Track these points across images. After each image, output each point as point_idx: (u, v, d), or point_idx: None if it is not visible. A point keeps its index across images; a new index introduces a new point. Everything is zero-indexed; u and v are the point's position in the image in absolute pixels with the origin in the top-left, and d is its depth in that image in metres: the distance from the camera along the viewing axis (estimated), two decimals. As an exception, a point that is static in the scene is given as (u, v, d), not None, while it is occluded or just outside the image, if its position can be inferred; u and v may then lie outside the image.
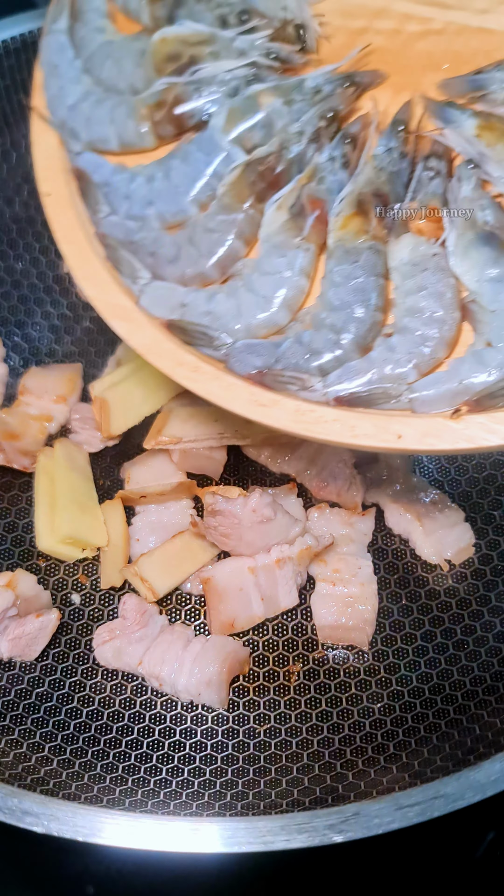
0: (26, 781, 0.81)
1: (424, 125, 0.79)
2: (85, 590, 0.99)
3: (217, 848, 0.72)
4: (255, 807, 0.82)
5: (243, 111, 0.78)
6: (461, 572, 1.00)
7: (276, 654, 0.96)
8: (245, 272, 0.77)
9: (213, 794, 0.84)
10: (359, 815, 0.73)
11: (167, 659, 0.92)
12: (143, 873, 0.86)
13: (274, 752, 0.88)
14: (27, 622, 0.93)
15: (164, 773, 0.87)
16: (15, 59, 1.09)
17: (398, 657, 0.94)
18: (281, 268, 0.76)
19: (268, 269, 0.76)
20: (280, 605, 0.96)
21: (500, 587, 0.98)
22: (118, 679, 0.94)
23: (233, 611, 0.95)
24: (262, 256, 0.76)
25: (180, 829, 0.73)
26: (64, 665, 0.95)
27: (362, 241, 0.74)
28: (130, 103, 0.81)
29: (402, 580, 0.99)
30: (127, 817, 0.74)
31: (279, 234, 0.76)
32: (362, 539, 1.01)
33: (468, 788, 0.75)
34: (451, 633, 0.95)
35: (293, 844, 0.72)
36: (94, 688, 0.93)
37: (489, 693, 0.89)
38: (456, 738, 0.85)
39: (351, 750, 0.87)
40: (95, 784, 0.84)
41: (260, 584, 0.95)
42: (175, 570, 0.98)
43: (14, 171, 1.16)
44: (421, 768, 0.82)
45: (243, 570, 0.95)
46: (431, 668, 0.93)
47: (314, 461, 1.04)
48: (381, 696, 0.92)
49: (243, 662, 0.94)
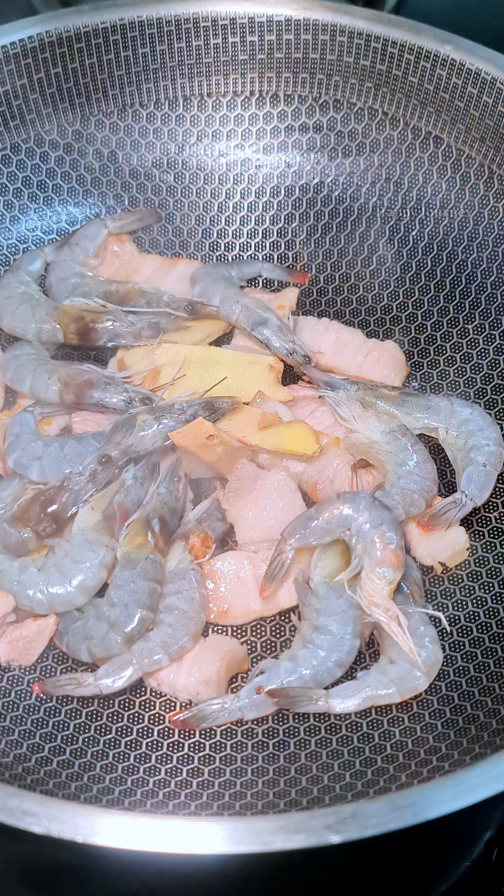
0: (26, 782, 0.81)
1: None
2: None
3: (215, 848, 0.72)
4: (254, 806, 0.82)
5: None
6: (456, 574, 1.00)
7: (274, 654, 0.97)
8: (58, 554, 0.94)
9: (211, 794, 0.85)
10: (356, 815, 0.73)
11: (166, 660, 0.94)
12: (142, 873, 0.87)
13: (272, 752, 0.89)
14: (24, 626, 0.93)
15: (164, 774, 0.87)
16: (14, 64, 1.10)
17: (395, 658, 0.95)
18: (87, 559, 0.94)
19: (76, 557, 0.94)
20: (279, 603, 0.97)
21: (495, 589, 0.98)
22: (118, 680, 0.94)
23: (228, 597, 0.96)
24: (74, 546, 0.94)
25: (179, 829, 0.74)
26: (63, 667, 0.95)
27: (143, 553, 0.93)
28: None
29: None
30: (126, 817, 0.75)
31: (92, 532, 0.95)
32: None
33: (465, 789, 0.75)
34: (446, 634, 0.95)
35: (291, 844, 0.72)
36: (94, 688, 0.93)
37: (485, 694, 0.89)
38: (452, 738, 0.85)
39: (349, 750, 0.88)
40: (95, 784, 0.84)
41: (258, 577, 0.96)
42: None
43: (14, 176, 1.16)
44: (417, 768, 0.82)
45: (242, 560, 0.96)
46: (428, 669, 0.93)
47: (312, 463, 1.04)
48: (379, 696, 0.92)
49: (241, 661, 0.95)
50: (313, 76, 1.17)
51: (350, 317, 1.17)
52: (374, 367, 1.10)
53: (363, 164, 1.19)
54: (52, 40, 1.10)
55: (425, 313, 1.15)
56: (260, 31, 1.15)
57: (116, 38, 1.13)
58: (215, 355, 1.08)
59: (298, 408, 1.07)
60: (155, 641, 0.91)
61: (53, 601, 0.93)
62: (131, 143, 1.20)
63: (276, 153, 1.21)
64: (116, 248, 1.17)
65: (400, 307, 1.17)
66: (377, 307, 1.17)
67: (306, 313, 1.16)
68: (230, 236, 1.22)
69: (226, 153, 1.22)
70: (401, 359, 1.12)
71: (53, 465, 0.99)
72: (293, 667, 0.90)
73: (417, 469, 0.99)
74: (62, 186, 1.19)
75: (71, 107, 1.16)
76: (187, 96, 1.20)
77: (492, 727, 0.84)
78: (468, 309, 1.13)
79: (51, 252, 1.15)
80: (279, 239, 1.21)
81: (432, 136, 1.15)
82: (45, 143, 1.17)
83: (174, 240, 1.21)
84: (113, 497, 0.97)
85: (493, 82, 1.07)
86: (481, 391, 1.10)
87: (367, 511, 0.92)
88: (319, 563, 0.95)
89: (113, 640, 0.90)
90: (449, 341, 1.14)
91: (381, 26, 1.12)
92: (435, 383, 1.13)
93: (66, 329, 1.08)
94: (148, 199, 1.21)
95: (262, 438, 1.00)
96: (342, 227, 1.20)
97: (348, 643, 0.91)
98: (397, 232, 1.18)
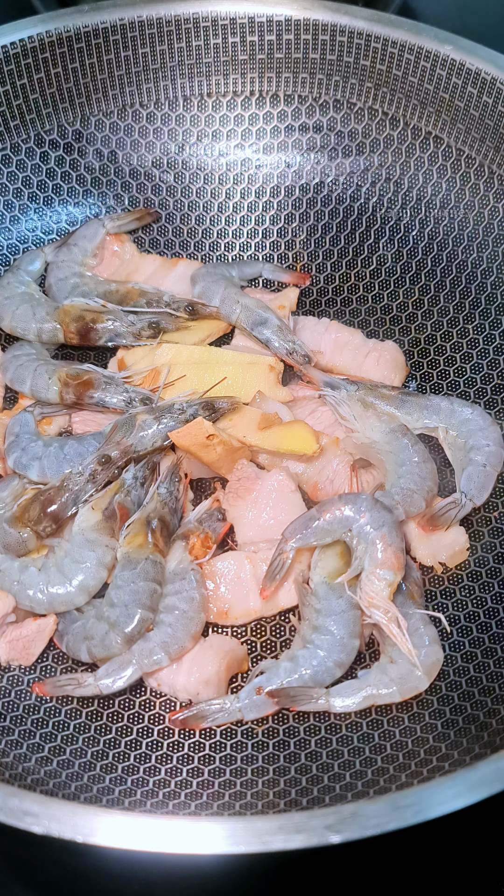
0: (26, 782, 0.81)
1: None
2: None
3: (215, 848, 0.72)
4: (254, 806, 0.82)
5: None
6: (456, 574, 1.00)
7: (274, 654, 0.97)
8: (59, 554, 0.94)
9: (211, 794, 0.85)
10: (356, 815, 0.73)
11: (165, 660, 0.94)
12: (142, 873, 0.87)
13: (272, 752, 0.89)
14: (24, 625, 0.93)
15: (164, 774, 0.87)
16: (14, 64, 1.10)
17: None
18: (87, 559, 0.94)
19: (77, 557, 0.94)
20: (279, 603, 0.97)
21: (495, 589, 0.98)
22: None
23: (228, 597, 0.96)
24: (74, 546, 0.94)
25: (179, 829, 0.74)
26: (63, 666, 0.95)
27: (143, 553, 0.93)
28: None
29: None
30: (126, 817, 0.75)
31: (93, 532, 0.94)
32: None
33: (465, 789, 0.75)
34: (446, 634, 0.95)
35: (291, 844, 0.72)
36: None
37: (485, 694, 0.89)
38: (452, 738, 0.85)
39: (349, 750, 0.88)
40: (95, 784, 0.84)
41: (258, 577, 0.95)
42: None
43: (14, 176, 1.16)
44: (417, 768, 0.82)
45: (242, 560, 0.96)
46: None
47: (312, 463, 1.04)
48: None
49: (241, 661, 0.95)
50: (313, 76, 1.17)
51: (350, 317, 1.17)
52: (374, 367, 1.10)
53: (363, 164, 1.19)
54: (52, 40, 1.10)
55: (425, 313, 1.15)
56: (260, 31, 1.15)
57: (116, 38, 1.13)
58: (215, 355, 1.08)
59: (298, 408, 1.07)
60: (155, 641, 0.91)
61: (53, 601, 0.93)
62: (131, 143, 1.20)
63: (276, 153, 1.21)
64: (116, 247, 1.17)
65: (400, 307, 1.17)
66: (377, 307, 1.17)
67: (306, 313, 1.17)
68: (230, 236, 1.22)
69: (226, 153, 1.22)
70: (401, 359, 1.12)
71: (53, 465, 0.99)
72: (293, 667, 0.90)
73: (417, 469, 0.99)
74: (62, 186, 1.19)
75: (71, 107, 1.16)
76: (187, 96, 1.20)
77: (492, 727, 0.84)
78: (468, 309, 1.13)
79: (50, 252, 1.15)
80: (279, 239, 1.22)
81: (432, 136, 1.15)
82: (45, 143, 1.17)
83: (174, 240, 1.21)
84: (113, 497, 0.97)
85: (493, 82, 1.07)
86: (481, 391, 1.10)
87: (369, 512, 0.92)
88: (319, 563, 0.95)
89: (113, 640, 0.90)
90: (449, 341, 1.14)
91: (381, 26, 1.12)
92: (435, 383, 1.13)
93: (67, 329, 1.08)
94: (148, 198, 1.21)
95: (262, 438, 1.00)
96: (342, 227, 1.20)
97: (348, 643, 0.91)
98: (397, 232, 1.18)
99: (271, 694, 0.88)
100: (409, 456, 1.00)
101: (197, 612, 0.93)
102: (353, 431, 1.03)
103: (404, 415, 1.03)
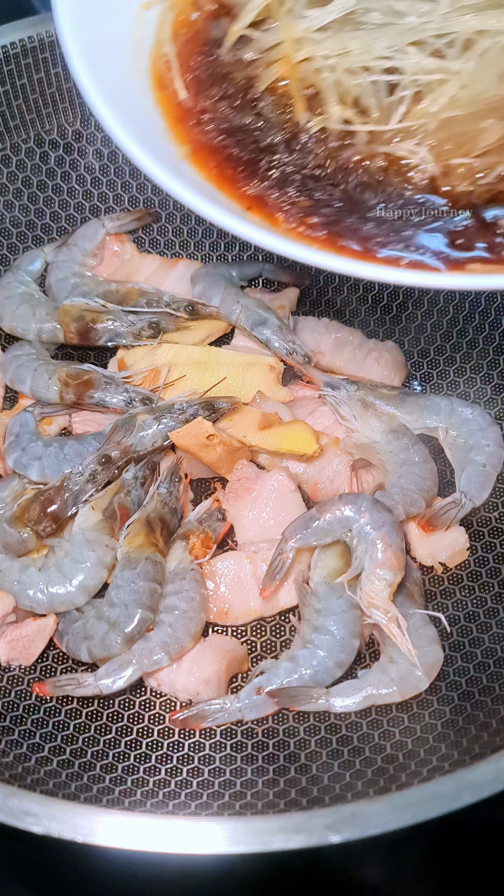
0: (26, 782, 0.81)
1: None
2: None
3: (215, 848, 0.72)
4: (254, 806, 0.82)
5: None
6: (456, 574, 1.00)
7: (274, 654, 0.97)
8: (59, 554, 0.94)
9: (211, 794, 0.85)
10: (356, 815, 0.73)
11: (166, 660, 0.94)
12: (142, 873, 0.87)
13: (272, 752, 0.89)
14: (24, 625, 0.94)
15: (164, 773, 0.87)
16: (14, 64, 1.10)
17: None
18: (87, 559, 0.93)
19: (77, 557, 0.94)
20: (279, 603, 0.97)
21: (495, 589, 0.98)
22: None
23: (228, 597, 0.96)
24: (74, 545, 0.94)
25: (179, 829, 0.74)
26: (64, 666, 0.95)
27: (143, 553, 0.94)
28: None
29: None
30: (126, 817, 0.75)
31: (93, 532, 0.94)
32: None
33: (464, 789, 0.75)
34: (446, 634, 0.95)
35: (291, 844, 0.72)
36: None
37: (484, 694, 0.89)
38: (451, 738, 0.85)
39: (349, 750, 0.88)
40: (95, 784, 0.84)
41: (258, 577, 0.96)
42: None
43: (14, 176, 1.16)
44: (417, 768, 0.82)
45: (242, 560, 0.96)
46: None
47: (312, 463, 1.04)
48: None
49: (241, 661, 0.95)
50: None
51: (350, 317, 1.17)
52: (374, 367, 1.10)
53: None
54: (52, 40, 1.10)
55: (425, 313, 1.15)
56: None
57: (116, 38, 1.13)
58: (215, 355, 1.08)
59: (298, 408, 1.07)
60: (155, 641, 0.91)
61: (54, 601, 0.93)
62: (131, 143, 1.20)
63: (276, 153, 1.21)
64: (116, 247, 1.17)
65: (400, 307, 1.17)
66: (377, 307, 1.17)
67: (306, 313, 1.16)
68: (230, 236, 1.21)
69: (226, 153, 1.22)
70: (401, 359, 1.12)
71: (53, 465, 0.99)
72: (293, 667, 0.90)
73: (417, 469, 0.99)
74: (62, 186, 1.19)
75: (71, 107, 1.16)
76: (187, 96, 1.20)
77: (492, 727, 0.84)
78: (468, 309, 1.13)
79: (50, 252, 1.15)
80: (279, 239, 1.21)
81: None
82: (45, 143, 1.17)
83: (174, 240, 1.21)
84: (113, 497, 0.97)
85: (493, 82, 1.07)
86: (481, 391, 1.10)
87: (369, 512, 0.92)
88: (319, 563, 0.95)
89: (113, 640, 0.90)
90: (449, 341, 1.14)
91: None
92: (435, 383, 1.13)
93: (67, 329, 1.08)
94: (148, 198, 1.21)
95: (262, 438, 1.00)
96: (342, 227, 1.20)
97: (348, 643, 0.91)
98: (397, 232, 1.18)
99: (271, 694, 0.88)
100: (409, 456, 1.00)
101: (197, 612, 0.93)
102: (353, 431, 1.03)
103: (404, 415, 1.03)
